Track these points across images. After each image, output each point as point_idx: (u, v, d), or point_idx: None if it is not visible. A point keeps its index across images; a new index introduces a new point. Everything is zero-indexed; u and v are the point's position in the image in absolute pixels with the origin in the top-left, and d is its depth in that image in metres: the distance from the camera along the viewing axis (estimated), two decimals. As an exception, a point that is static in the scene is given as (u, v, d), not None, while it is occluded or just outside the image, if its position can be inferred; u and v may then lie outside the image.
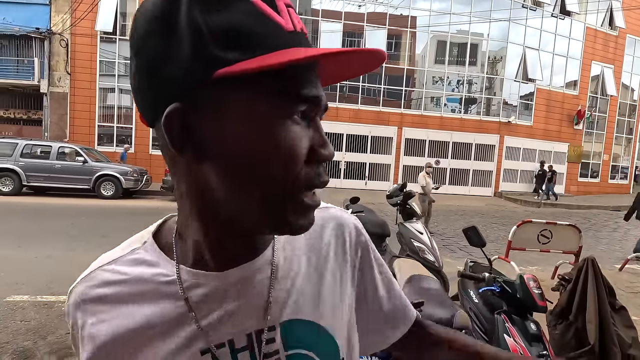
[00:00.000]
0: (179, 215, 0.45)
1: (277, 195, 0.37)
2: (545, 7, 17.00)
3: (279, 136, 0.35)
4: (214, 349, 0.41)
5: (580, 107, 18.23)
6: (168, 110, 0.35)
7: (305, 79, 0.37)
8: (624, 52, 19.30)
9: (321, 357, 0.44)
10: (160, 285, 0.43)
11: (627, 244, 7.39)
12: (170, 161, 0.41)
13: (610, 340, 1.66)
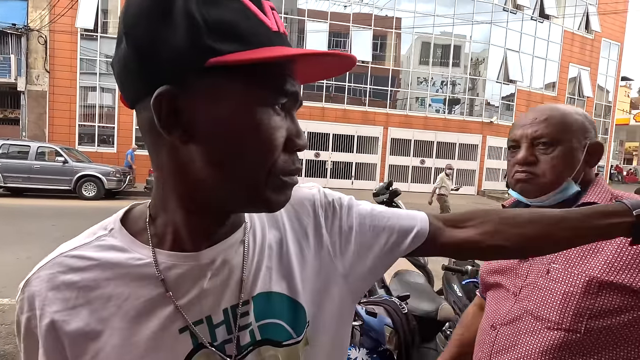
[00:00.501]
0: (155, 199, 0.46)
1: (258, 178, 0.40)
2: (525, 11, 17.49)
3: (261, 123, 0.39)
4: (192, 327, 0.43)
5: (559, 108, 18.79)
6: (159, 91, 0.37)
7: (287, 76, 0.41)
8: (599, 55, 20.03)
9: (290, 323, 0.47)
10: (135, 268, 0.43)
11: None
12: (153, 143, 0.42)
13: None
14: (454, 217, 0.58)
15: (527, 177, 0.85)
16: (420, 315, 2.09)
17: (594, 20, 19.04)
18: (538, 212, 0.56)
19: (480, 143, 17.25)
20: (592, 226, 0.52)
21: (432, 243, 0.55)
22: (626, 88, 37.88)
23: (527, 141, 0.85)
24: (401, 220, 0.55)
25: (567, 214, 0.54)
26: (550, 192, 0.84)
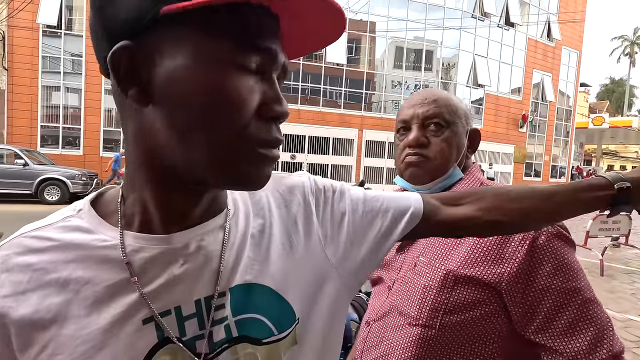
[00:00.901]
0: (126, 175, 0.42)
1: (225, 145, 0.36)
2: (492, 18, 18.24)
3: (225, 82, 0.35)
4: (157, 317, 0.38)
5: (524, 111, 19.72)
6: (115, 47, 0.34)
7: (261, 30, 0.36)
8: (560, 61, 21.17)
9: (272, 319, 0.42)
10: (98, 249, 0.39)
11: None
12: (119, 110, 0.39)
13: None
14: (449, 195, 0.58)
15: (418, 159, 0.79)
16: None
17: (554, 29, 20.12)
18: (529, 188, 0.56)
19: (452, 145, 17.76)
20: (581, 199, 0.54)
21: (428, 222, 0.53)
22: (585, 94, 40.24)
23: (419, 121, 0.79)
24: (395, 202, 0.53)
25: (557, 189, 0.55)
26: (438, 177, 0.80)
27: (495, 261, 0.69)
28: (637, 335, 3.45)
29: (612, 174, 0.54)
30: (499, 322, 0.70)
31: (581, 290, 0.67)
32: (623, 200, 0.52)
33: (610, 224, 5.85)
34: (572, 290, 0.67)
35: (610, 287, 4.85)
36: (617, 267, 5.79)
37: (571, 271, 0.68)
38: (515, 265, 0.67)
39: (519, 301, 0.68)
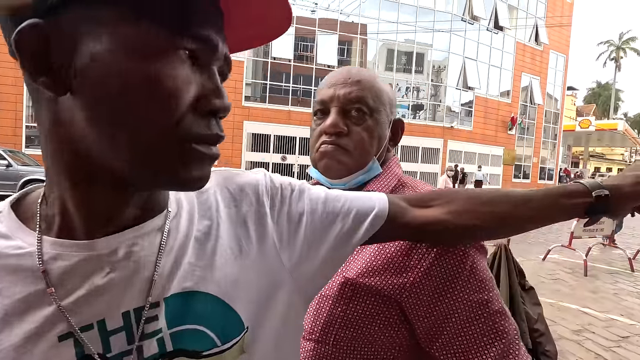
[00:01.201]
0: (46, 175, 0.38)
1: (154, 142, 0.33)
2: (481, 22, 18.47)
3: (155, 71, 0.31)
4: (77, 332, 0.34)
5: (513, 114, 19.98)
6: (22, 25, 0.30)
7: (200, 15, 0.33)
8: (548, 65, 21.52)
9: (215, 329, 0.39)
10: (12, 258, 0.35)
11: (550, 237, 8.18)
12: (32, 97, 0.35)
13: (520, 317, 1.84)
14: (418, 196, 0.54)
15: (335, 150, 0.68)
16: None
17: (542, 33, 20.46)
18: (503, 192, 0.54)
19: (442, 147, 17.92)
20: (558, 206, 0.52)
21: (393, 224, 0.49)
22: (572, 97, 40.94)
23: (340, 104, 0.68)
24: (357, 202, 0.49)
25: (533, 195, 0.53)
26: (356, 171, 0.70)
27: (398, 271, 0.61)
28: (618, 335, 3.48)
29: (591, 181, 0.53)
30: (399, 336, 0.63)
31: (490, 302, 0.60)
32: (600, 209, 0.51)
33: (594, 224, 5.93)
34: (481, 303, 0.60)
35: (593, 287, 4.90)
36: (600, 268, 5.87)
37: (481, 282, 0.61)
38: (419, 276, 0.60)
39: (424, 315, 0.61)
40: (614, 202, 0.51)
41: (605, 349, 3.20)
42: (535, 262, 6.03)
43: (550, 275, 5.30)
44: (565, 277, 5.26)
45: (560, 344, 3.24)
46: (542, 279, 5.09)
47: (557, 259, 6.18)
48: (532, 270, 5.47)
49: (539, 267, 5.72)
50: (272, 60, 15.64)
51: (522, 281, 2.15)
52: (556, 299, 4.36)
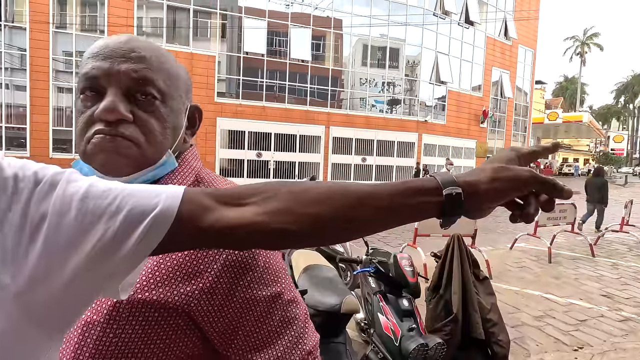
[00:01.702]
0: None
1: None
2: (452, 16, 18.77)
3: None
4: None
5: (485, 107, 20.49)
6: None
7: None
8: (517, 59, 22.16)
9: None
10: None
11: (518, 226, 8.42)
12: None
13: (472, 307, 1.83)
14: (234, 191, 0.43)
15: (114, 142, 0.54)
16: (324, 310, 2.04)
17: (511, 28, 21.02)
18: (341, 185, 0.44)
19: (417, 141, 18.16)
20: (405, 205, 0.44)
21: (188, 229, 0.38)
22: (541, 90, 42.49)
23: (120, 84, 0.54)
24: (134, 199, 0.38)
25: (376, 190, 0.44)
26: (145, 167, 0.57)
27: (186, 278, 0.53)
28: (577, 319, 3.59)
29: (444, 176, 0.45)
30: (189, 347, 0.56)
31: (283, 293, 0.58)
32: (453, 210, 0.44)
33: (557, 213, 6.13)
34: (275, 296, 0.57)
35: (556, 273, 5.06)
36: (564, 254, 6.07)
37: (274, 275, 0.58)
38: (210, 280, 0.54)
39: (217, 318, 0.55)
40: (468, 202, 0.43)
41: (564, 333, 3.29)
42: (503, 251, 6.17)
43: (516, 264, 5.44)
44: (530, 265, 5.40)
45: (521, 330, 3.31)
46: (508, 267, 5.21)
47: (523, 248, 6.35)
48: (500, 259, 5.60)
49: (506, 256, 5.86)
50: (244, 55, 15.33)
51: (476, 271, 2.15)
52: (521, 286, 4.47)
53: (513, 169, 0.44)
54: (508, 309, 3.75)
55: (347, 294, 2.13)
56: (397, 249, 5.37)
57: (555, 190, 0.44)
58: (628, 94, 54.54)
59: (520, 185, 0.44)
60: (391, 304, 1.70)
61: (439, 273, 1.95)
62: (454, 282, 1.86)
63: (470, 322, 1.78)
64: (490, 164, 0.45)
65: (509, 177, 0.43)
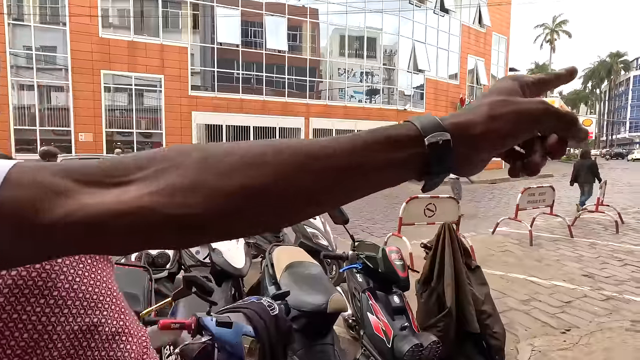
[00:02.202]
0: None
1: None
2: (428, 4, 18.77)
3: None
4: None
5: (462, 95, 20.73)
6: None
7: None
8: (491, 47, 22.47)
9: None
10: None
11: (499, 211, 8.54)
12: None
13: (466, 300, 1.73)
14: (106, 165, 0.28)
15: None
16: (309, 310, 1.89)
17: (485, 15, 21.25)
18: (276, 143, 0.30)
19: (397, 130, 18.24)
20: (368, 166, 0.30)
21: (24, 227, 0.25)
22: (514, 77, 43.43)
23: None
24: None
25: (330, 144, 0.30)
26: None
27: None
28: (562, 301, 3.61)
29: (427, 119, 0.32)
30: None
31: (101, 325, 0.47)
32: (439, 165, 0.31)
33: (537, 196, 6.21)
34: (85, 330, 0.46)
35: (538, 255, 5.12)
36: (544, 236, 6.17)
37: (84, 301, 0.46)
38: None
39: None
40: (459, 152, 0.31)
41: (550, 316, 3.28)
42: (485, 236, 6.21)
43: (499, 248, 5.47)
44: (512, 249, 5.45)
45: (509, 316, 3.28)
46: (492, 252, 5.23)
47: (505, 231, 6.42)
48: (483, 243, 5.62)
49: (489, 241, 5.89)
50: (218, 46, 14.82)
51: (468, 261, 2.06)
52: (505, 270, 4.48)
53: (519, 101, 0.32)
54: (495, 294, 3.72)
55: (333, 292, 1.98)
56: (382, 239, 5.30)
57: (575, 127, 0.33)
58: (595, 79, 56.67)
59: (531, 123, 0.32)
60: (381, 301, 1.57)
61: (430, 265, 1.84)
62: (446, 274, 1.75)
63: (465, 315, 1.68)
64: (487, 97, 0.33)
65: (515, 113, 0.31)
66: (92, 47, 12.87)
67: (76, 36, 12.64)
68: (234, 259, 3.00)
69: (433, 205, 4.79)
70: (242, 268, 2.97)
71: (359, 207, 9.57)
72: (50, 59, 12.80)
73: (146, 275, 1.96)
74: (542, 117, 0.31)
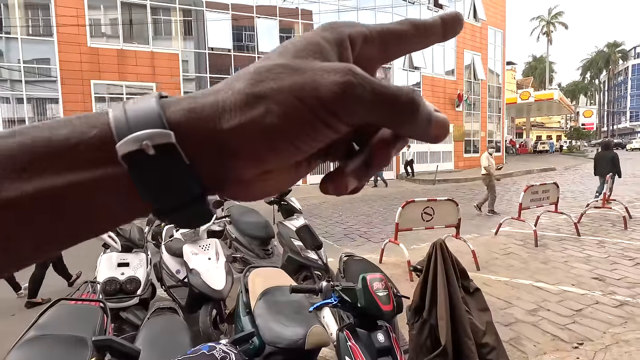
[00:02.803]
0: None
1: None
2: (422, 0, 18.52)
3: None
4: None
5: (459, 91, 20.45)
6: None
7: None
8: (487, 41, 22.19)
9: None
10: None
11: (501, 209, 8.25)
12: None
13: (464, 332, 1.48)
14: None
15: None
16: (284, 347, 1.65)
17: (479, 9, 20.98)
18: None
19: (395, 129, 17.96)
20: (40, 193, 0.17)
21: None
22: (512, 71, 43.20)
23: None
24: None
25: None
26: None
27: None
28: (572, 309, 3.34)
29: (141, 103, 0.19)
30: None
31: None
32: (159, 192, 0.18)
33: (540, 193, 5.93)
34: None
35: (544, 257, 4.85)
36: (549, 236, 5.90)
37: None
38: None
39: None
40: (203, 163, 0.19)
41: (561, 328, 3.03)
42: (488, 238, 5.95)
43: (502, 250, 5.21)
44: (517, 250, 5.18)
45: (516, 329, 3.03)
46: (495, 255, 4.97)
47: (508, 232, 6.15)
48: (485, 246, 5.36)
49: (491, 243, 5.63)
50: (209, 51, 14.60)
51: (465, 283, 1.78)
52: (510, 275, 4.22)
53: (305, 68, 0.19)
54: (499, 304, 3.48)
55: (314, 323, 1.74)
56: (379, 246, 5.05)
57: (406, 111, 0.20)
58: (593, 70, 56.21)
59: (320, 108, 0.18)
60: (362, 341, 1.33)
61: (421, 291, 1.58)
62: (440, 303, 1.50)
63: (463, 352, 1.43)
64: (261, 61, 0.20)
65: (291, 89, 0.18)
66: (82, 57, 12.67)
67: (65, 47, 12.44)
68: (213, 280, 2.75)
69: (430, 208, 4.53)
70: (222, 290, 2.72)
71: (356, 210, 9.30)
72: (39, 70, 12.61)
73: (99, 312, 1.72)
74: (339, 97, 0.18)
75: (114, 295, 2.42)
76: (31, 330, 1.61)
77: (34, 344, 1.54)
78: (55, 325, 1.63)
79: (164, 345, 1.51)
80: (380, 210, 9.16)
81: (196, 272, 2.76)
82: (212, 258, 2.86)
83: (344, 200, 11.23)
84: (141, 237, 2.94)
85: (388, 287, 1.38)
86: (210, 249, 2.94)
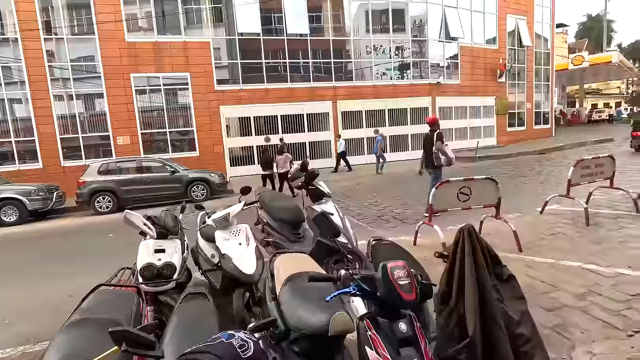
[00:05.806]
0: None
1: None
2: None
3: None
4: None
5: (501, 60, 19.04)
6: None
7: None
8: (534, 2, 20.29)
9: None
10: None
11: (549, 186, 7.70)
12: None
13: (494, 323, 1.38)
14: None
15: None
16: (308, 333, 1.64)
17: (524, -33, 19.14)
18: None
19: (430, 105, 17.17)
20: None
21: None
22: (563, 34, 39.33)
23: None
24: None
25: None
26: None
27: None
28: (628, 293, 3.06)
29: None
30: None
31: None
32: None
33: (593, 168, 5.43)
34: None
35: (597, 237, 4.47)
36: (603, 213, 5.41)
37: None
38: None
39: None
40: None
41: (614, 314, 2.78)
42: (532, 217, 5.58)
43: (549, 230, 4.86)
44: (565, 230, 4.82)
45: (561, 315, 2.83)
46: (540, 236, 4.65)
47: (556, 210, 5.73)
48: (529, 226, 5.04)
49: (536, 222, 5.28)
50: (239, 37, 14.66)
51: (498, 270, 1.65)
52: (557, 257, 3.93)
53: None
54: (543, 287, 3.26)
55: (338, 309, 1.71)
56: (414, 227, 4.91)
57: None
58: (661, 25, 49.74)
59: None
60: (384, 330, 1.28)
61: (448, 278, 1.49)
62: (467, 292, 1.39)
63: (493, 343, 1.33)
64: None
65: None
66: (120, 52, 13.26)
67: (105, 43, 13.07)
68: (244, 264, 2.81)
69: (467, 188, 4.31)
70: (252, 274, 2.77)
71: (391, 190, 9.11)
72: (84, 67, 13.39)
73: (134, 297, 1.81)
74: None
75: (151, 279, 2.55)
76: (75, 314, 1.73)
77: (77, 327, 1.65)
78: (95, 309, 1.74)
79: (190, 331, 1.57)
80: (415, 190, 8.90)
81: (228, 257, 2.82)
82: (243, 243, 2.91)
83: (377, 182, 11.04)
84: (175, 224, 3.05)
85: (411, 275, 1.31)
86: (240, 234, 2.99)
